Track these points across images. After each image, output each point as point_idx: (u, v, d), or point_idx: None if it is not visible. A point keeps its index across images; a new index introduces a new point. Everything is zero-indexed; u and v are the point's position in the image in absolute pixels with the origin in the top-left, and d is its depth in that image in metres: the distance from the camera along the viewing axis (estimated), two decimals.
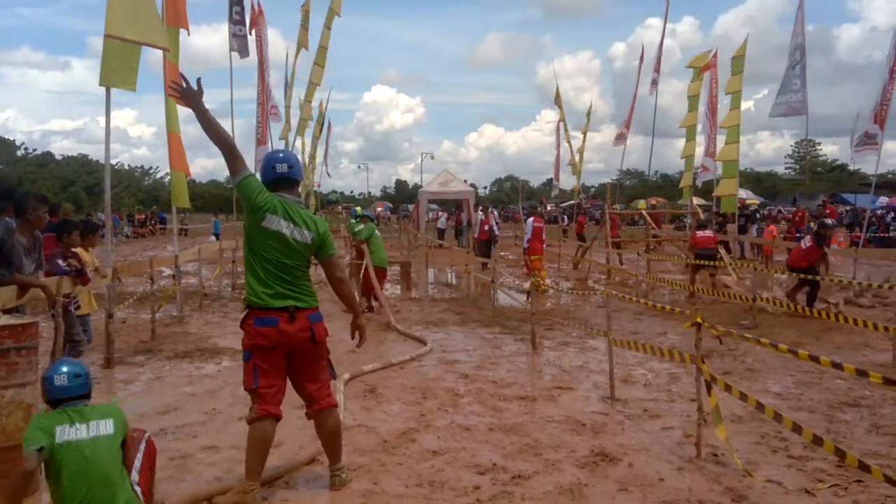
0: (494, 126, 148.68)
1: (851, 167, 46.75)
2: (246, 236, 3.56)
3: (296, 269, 3.52)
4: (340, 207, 33.78)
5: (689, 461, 4.05)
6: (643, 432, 4.62)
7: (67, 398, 3.17)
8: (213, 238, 21.71)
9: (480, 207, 20.43)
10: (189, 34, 9.32)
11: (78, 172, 59.42)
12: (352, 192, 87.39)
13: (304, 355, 3.56)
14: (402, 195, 77.54)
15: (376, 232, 10.41)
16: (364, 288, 9.88)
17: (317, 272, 4.39)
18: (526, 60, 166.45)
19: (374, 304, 9.87)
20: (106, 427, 3.12)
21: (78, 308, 5.84)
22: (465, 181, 32.30)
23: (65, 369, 3.25)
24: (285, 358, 3.53)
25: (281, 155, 3.72)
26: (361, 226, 10.42)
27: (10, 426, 3.40)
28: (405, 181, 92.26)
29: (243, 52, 14.45)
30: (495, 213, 18.08)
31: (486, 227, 16.75)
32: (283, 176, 3.59)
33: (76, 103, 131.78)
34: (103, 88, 6.65)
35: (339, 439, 3.72)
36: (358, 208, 13.49)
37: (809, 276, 8.93)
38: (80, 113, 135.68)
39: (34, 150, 66.20)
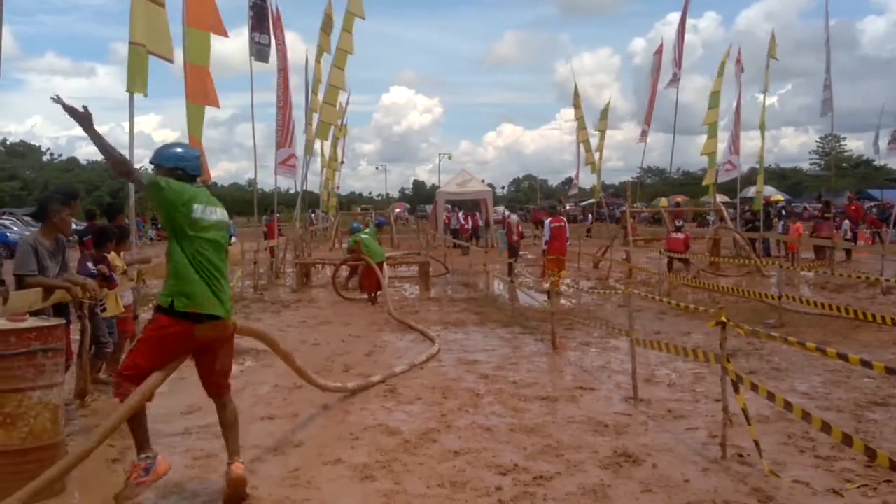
0: (513, 125, 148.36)
1: (878, 163, 45.76)
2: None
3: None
4: (359, 209, 34.19)
5: (715, 462, 3.99)
6: (667, 433, 4.56)
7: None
8: (234, 240, 21.90)
9: (511, 210, 20.30)
10: (227, 37, 9.49)
11: (102, 177, 60.28)
12: (370, 193, 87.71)
13: None
14: (420, 196, 77.63)
15: (361, 236, 12.04)
16: (364, 282, 11.43)
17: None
18: (544, 58, 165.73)
19: (371, 295, 11.29)
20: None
21: (104, 310, 5.92)
22: (483, 181, 32.24)
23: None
24: None
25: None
26: (363, 236, 12.19)
27: (38, 427, 3.44)
28: (423, 182, 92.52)
29: (263, 57, 14.70)
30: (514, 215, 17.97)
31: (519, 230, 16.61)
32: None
33: (101, 109, 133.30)
34: (127, 94, 6.74)
35: None
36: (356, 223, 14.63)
37: (682, 257, 13.22)
38: (105, 118, 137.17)
39: (60, 155, 67.62)
